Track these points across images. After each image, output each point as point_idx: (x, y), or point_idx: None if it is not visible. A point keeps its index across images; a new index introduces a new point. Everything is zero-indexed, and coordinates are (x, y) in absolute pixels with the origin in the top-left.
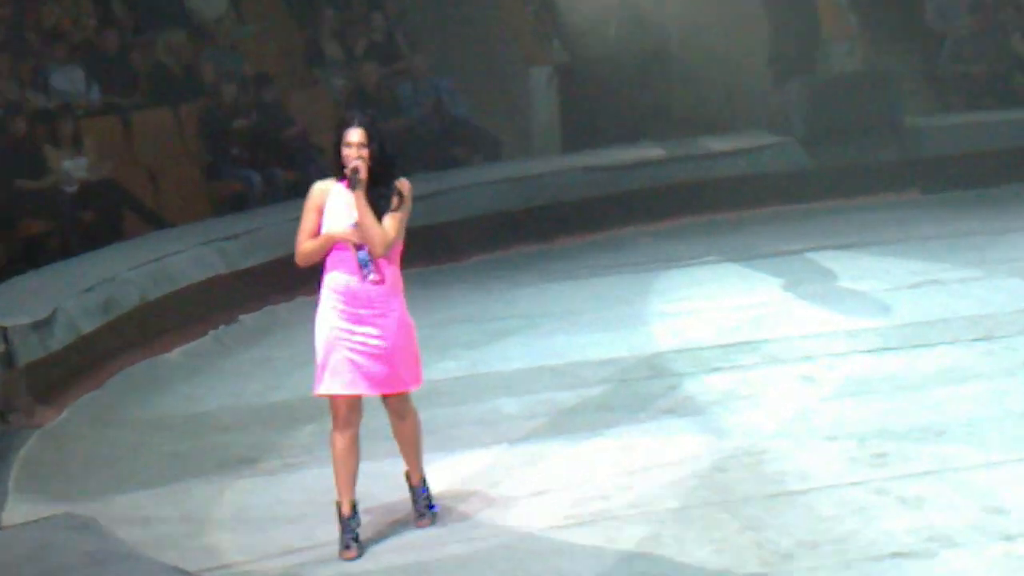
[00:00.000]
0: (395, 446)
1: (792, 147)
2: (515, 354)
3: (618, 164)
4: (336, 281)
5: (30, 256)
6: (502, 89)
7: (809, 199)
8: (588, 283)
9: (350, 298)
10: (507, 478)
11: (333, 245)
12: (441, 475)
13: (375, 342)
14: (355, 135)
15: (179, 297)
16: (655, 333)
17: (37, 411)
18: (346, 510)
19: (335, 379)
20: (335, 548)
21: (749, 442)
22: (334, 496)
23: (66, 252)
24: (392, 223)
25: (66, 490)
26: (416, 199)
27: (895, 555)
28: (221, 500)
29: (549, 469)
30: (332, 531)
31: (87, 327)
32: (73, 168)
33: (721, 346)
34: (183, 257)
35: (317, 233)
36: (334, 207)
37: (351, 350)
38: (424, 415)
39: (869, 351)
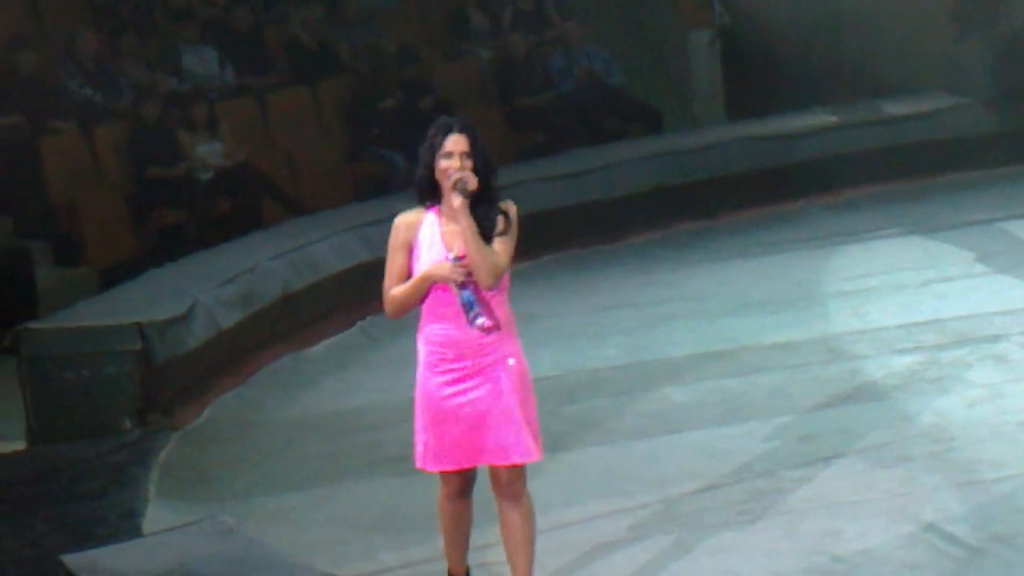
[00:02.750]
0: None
1: (975, 109)
2: (681, 339)
3: (787, 132)
4: (435, 333)
5: (165, 247)
6: (660, 56)
7: (995, 164)
8: (758, 261)
9: (455, 352)
10: (676, 471)
11: (430, 288)
12: (602, 470)
13: (488, 401)
14: (458, 143)
15: (322, 287)
16: (832, 313)
17: (177, 411)
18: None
19: (443, 456)
20: (495, 551)
21: (937, 428)
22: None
23: (203, 242)
24: (503, 248)
25: (209, 493)
26: (571, 176)
27: None
28: (373, 502)
29: (720, 461)
30: (492, 533)
31: (227, 321)
32: (208, 154)
33: (904, 326)
34: (325, 245)
35: (408, 276)
36: (428, 241)
37: (460, 419)
38: (583, 406)
39: None
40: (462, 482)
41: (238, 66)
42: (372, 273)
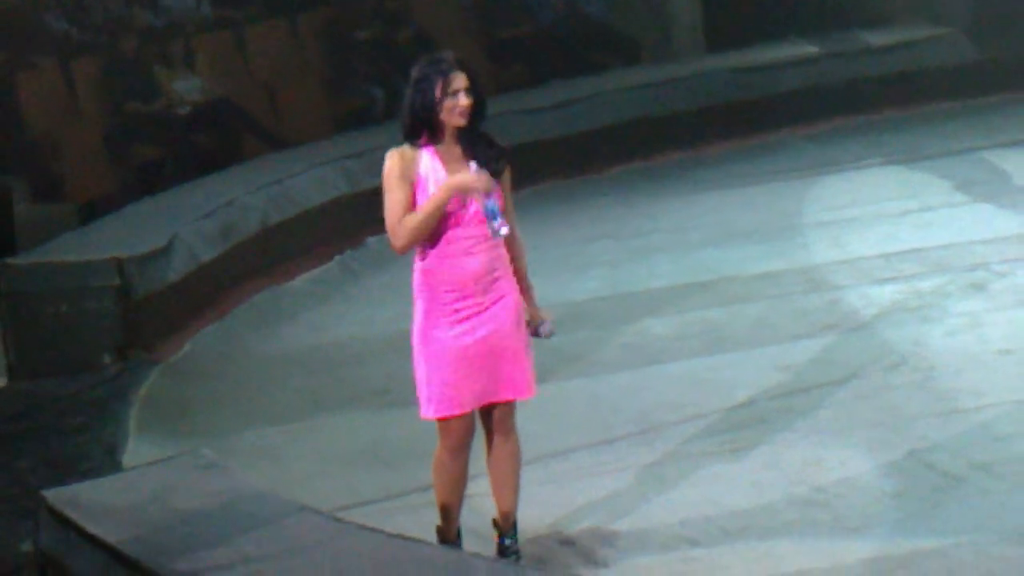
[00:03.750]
0: None
1: (956, 38)
2: (662, 271)
3: (767, 63)
4: (443, 274)
5: (144, 182)
6: None
7: (976, 95)
8: (739, 192)
9: (464, 290)
10: (658, 403)
11: (447, 202)
12: (585, 402)
13: (497, 338)
14: (462, 80)
15: (302, 221)
16: (813, 244)
17: (157, 346)
18: (452, 536)
19: (455, 401)
20: (480, 484)
21: (917, 357)
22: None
23: (182, 177)
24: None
25: (190, 428)
26: (551, 108)
27: None
28: (355, 436)
29: (702, 392)
30: (476, 465)
31: (206, 256)
32: (186, 90)
33: (884, 255)
34: (304, 178)
35: (414, 207)
36: (432, 179)
37: (471, 359)
38: (566, 339)
39: None
40: (465, 430)
41: None
42: (352, 206)
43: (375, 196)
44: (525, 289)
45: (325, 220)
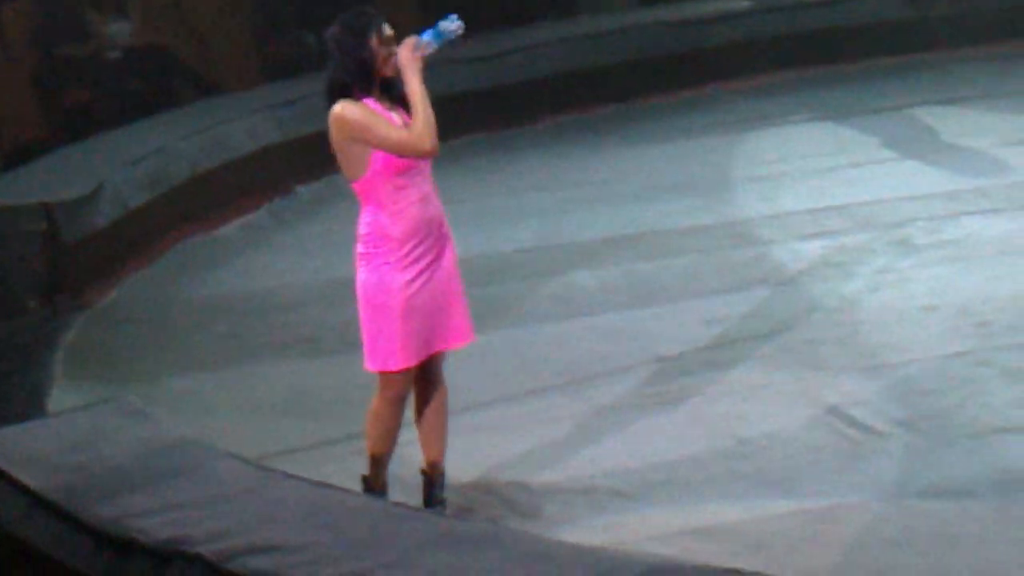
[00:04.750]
0: None
1: None
2: (591, 223)
3: (699, 17)
4: (404, 224)
5: (73, 127)
6: None
7: (906, 51)
8: (669, 146)
9: (424, 231)
10: (585, 356)
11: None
12: (512, 353)
13: (445, 282)
14: (390, 30)
15: (232, 168)
16: (741, 198)
17: (84, 292)
18: (379, 486)
19: (412, 351)
20: (406, 433)
21: (842, 313)
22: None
23: (111, 122)
24: None
25: (116, 375)
26: (483, 59)
27: (999, 431)
28: (281, 384)
29: (628, 345)
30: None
31: (135, 202)
32: (117, 33)
33: (812, 211)
34: (236, 126)
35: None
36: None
37: (426, 307)
38: (494, 290)
39: (972, 213)
40: (408, 381)
41: None
42: (283, 154)
43: (306, 144)
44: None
45: (256, 167)
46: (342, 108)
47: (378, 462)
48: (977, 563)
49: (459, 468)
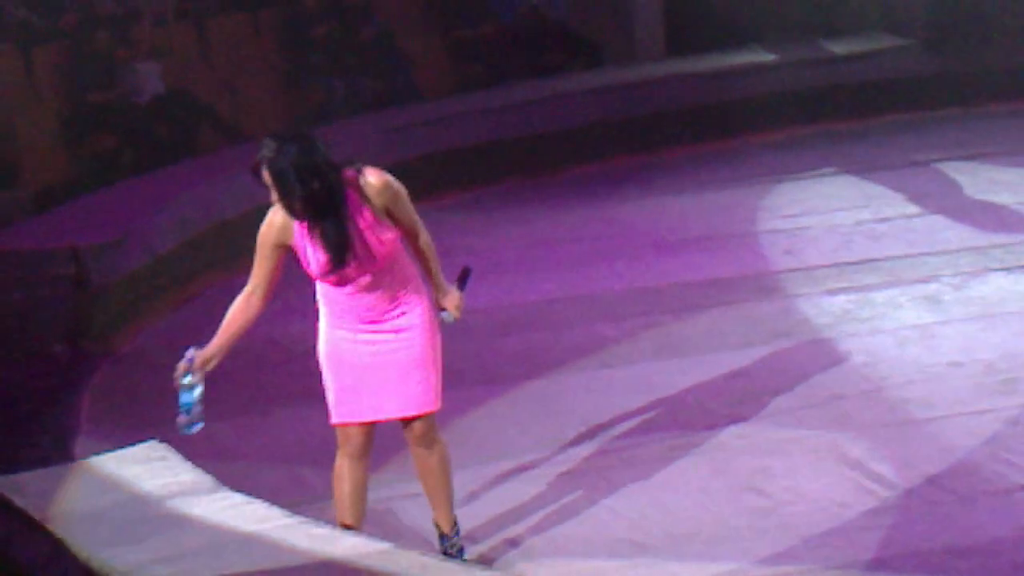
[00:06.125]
0: None
1: (914, 50)
2: (616, 274)
3: (727, 70)
4: (334, 303)
5: (101, 172)
6: None
7: (932, 106)
8: (694, 198)
9: (361, 315)
10: (608, 407)
11: None
12: (535, 403)
13: (401, 352)
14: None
15: (260, 215)
16: (767, 251)
17: (110, 336)
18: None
19: (353, 404)
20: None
21: (867, 368)
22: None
23: (139, 168)
24: (403, 224)
25: (142, 419)
26: (510, 108)
27: None
28: (305, 430)
29: (652, 397)
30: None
31: (162, 248)
32: (146, 78)
33: (837, 265)
34: None
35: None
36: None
37: (367, 368)
38: (517, 340)
39: (999, 269)
40: (364, 438)
41: None
42: None
43: None
44: (435, 280)
45: None
46: (270, 215)
47: (347, 527)
48: None
49: (480, 516)
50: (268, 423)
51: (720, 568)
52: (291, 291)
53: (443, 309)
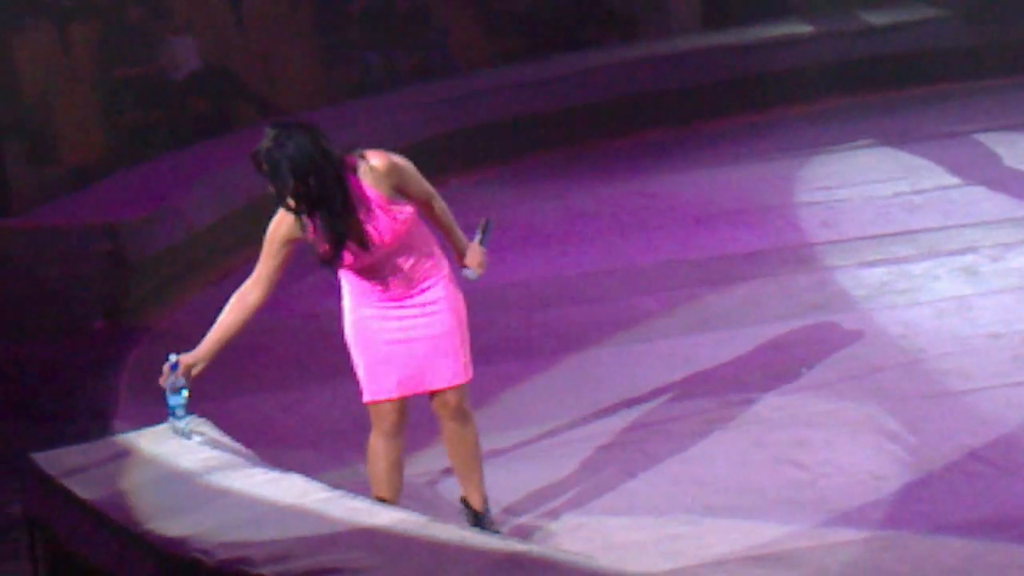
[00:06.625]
0: None
1: (953, 21)
2: (652, 247)
3: (763, 41)
4: (359, 286)
5: (137, 147)
6: None
7: (971, 77)
8: (731, 170)
9: (386, 296)
10: (645, 379)
11: None
12: (573, 376)
13: (430, 328)
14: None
15: None
16: (804, 224)
17: (148, 311)
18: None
19: (384, 381)
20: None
21: (905, 340)
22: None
23: (175, 143)
24: (417, 197)
25: None
26: (546, 82)
27: None
28: (345, 405)
29: (690, 369)
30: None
31: (199, 223)
32: (182, 53)
33: (875, 237)
34: None
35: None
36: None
37: (396, 344)
38: (556, 314)
39: None
40: (398, 415)
41: None
42: None
43: None
44: (455, 242)
45: None
46: (281, 211)
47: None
48: None
49: (517, 491)
50: (307, 398)
51: (758, 540)
52: (329, 269)
53: (465, 267)
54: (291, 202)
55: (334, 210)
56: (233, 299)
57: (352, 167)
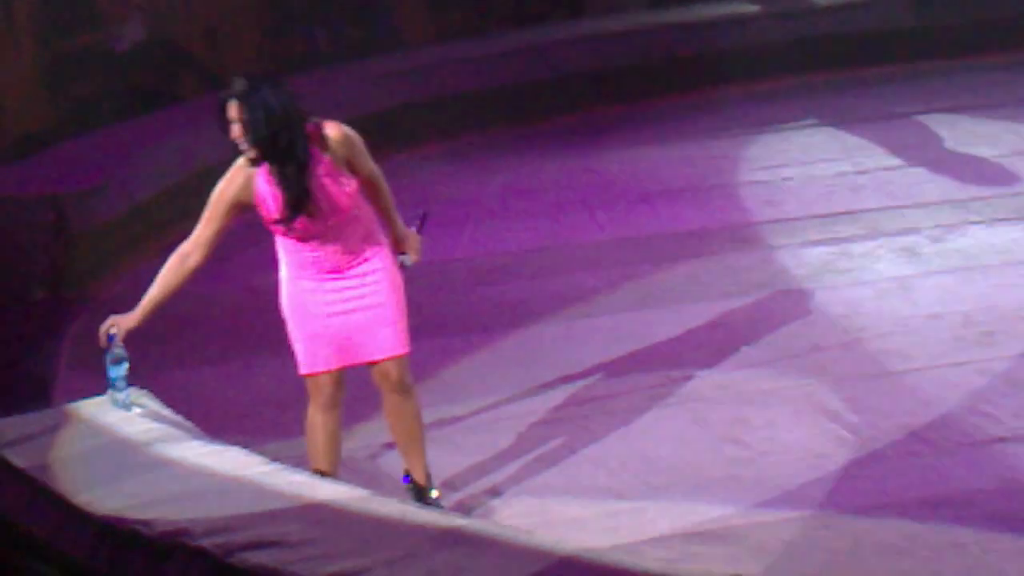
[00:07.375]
0: None
1: (896, 2)
2: (596, 224)
3: (710, 20)
4: (294, 257)
5: (81, 119)
6: None
7: (914, 59)
8: (674, 149)
9: (320, 268)
10: (587, 356)
11: None
12: (515, 352)
13: (364, 299)
14: (232, 110)
15: None
16: (747, 202)
17: (90, 283)
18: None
19: (319, 353)
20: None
21: (848, 319)
22: None
23: (119, 115)
24: (363, 175)
25: None
26: (492, 58)
27: (1001, 440)
28: (284, 377)
29: (631, 347)
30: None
31: (143, 195)
32: (126, 25)
33: (818, 216)
34: None
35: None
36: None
37: (329, 317)
38: (498, 289)
39: (978, 222)
40: (334, 387)
41: None
42: None
43: None
44: (393, 227)
45: None
46: (231, 172)
47: (323, 476)
48: (978, 572)
49: (459, 465)
50: (246, 370)
51: (698, 518)
52: (269, 239)
53: (402, 253)
54: (254, 152)
55: (303, 165)
56: (172, 260)
57: (309, 133)
